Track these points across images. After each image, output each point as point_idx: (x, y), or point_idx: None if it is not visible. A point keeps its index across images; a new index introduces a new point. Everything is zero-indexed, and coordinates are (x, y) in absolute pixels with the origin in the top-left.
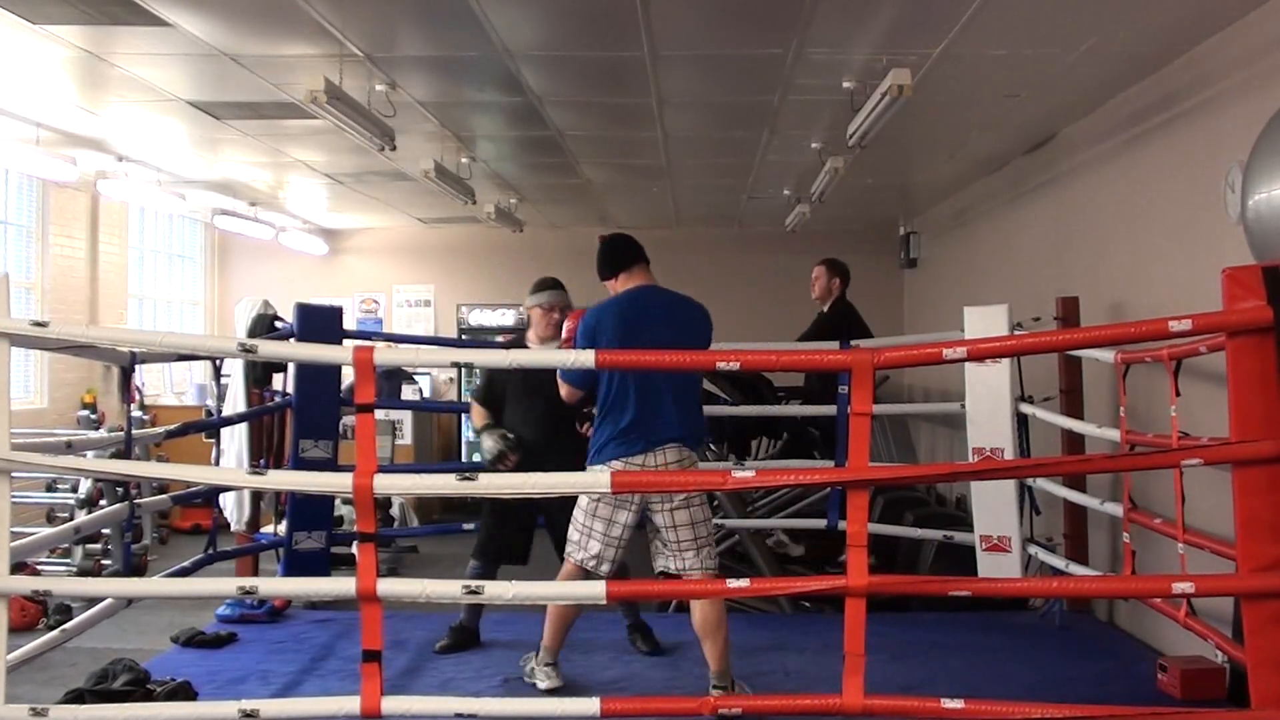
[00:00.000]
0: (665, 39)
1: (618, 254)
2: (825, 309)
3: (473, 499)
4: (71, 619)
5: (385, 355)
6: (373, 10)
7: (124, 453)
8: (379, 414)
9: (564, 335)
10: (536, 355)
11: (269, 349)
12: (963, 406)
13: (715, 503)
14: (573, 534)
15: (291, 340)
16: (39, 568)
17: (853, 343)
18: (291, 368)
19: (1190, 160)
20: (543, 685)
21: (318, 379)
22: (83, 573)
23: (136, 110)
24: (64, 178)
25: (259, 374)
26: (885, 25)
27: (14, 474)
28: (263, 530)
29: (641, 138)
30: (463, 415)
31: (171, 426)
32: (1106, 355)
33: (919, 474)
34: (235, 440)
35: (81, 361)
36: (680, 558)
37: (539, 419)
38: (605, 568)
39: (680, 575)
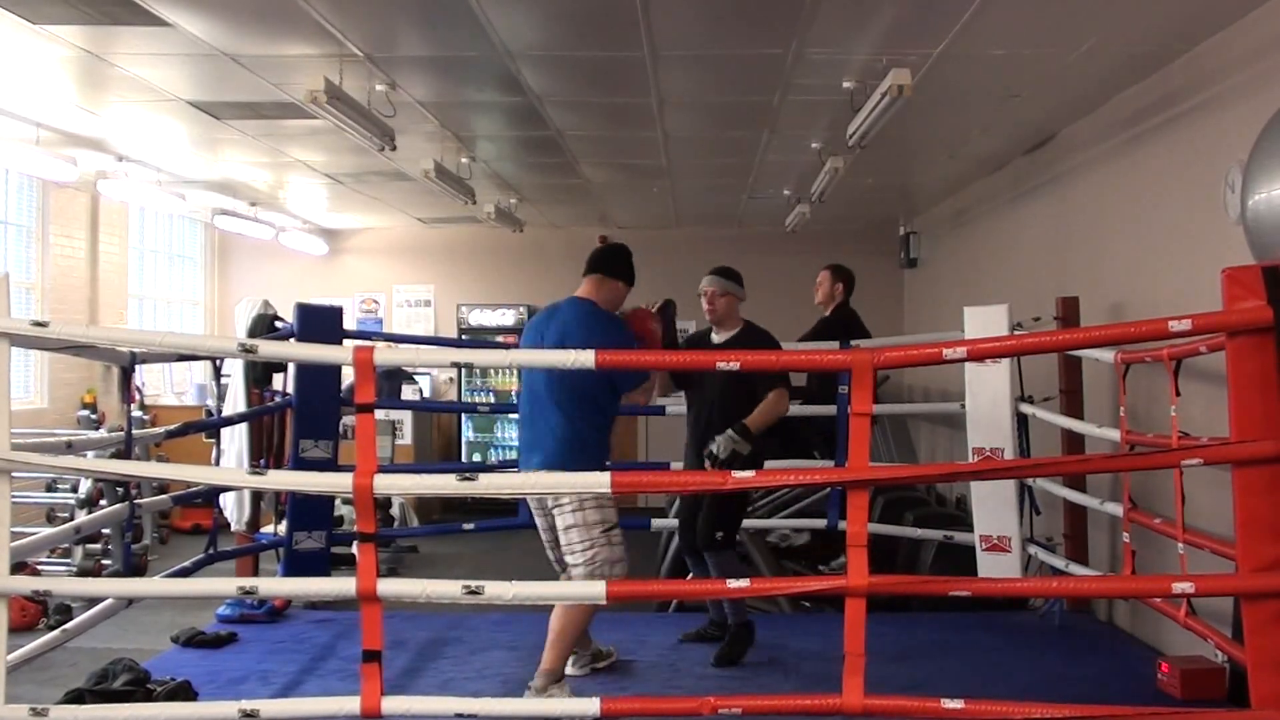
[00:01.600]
0: (665, 39)
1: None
2: (828, 314)
3: (473, 499)
4: (71, 619)
5: (385, 355)
6: (373, 10)
7: (124, 453)
8: (379, 414)
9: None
10: (536, 355)
11: (269, 349)
12: (963, 406)
13: None
14: None
15: (291, 340)
16: (39, 568)
17: (853, 343)
18: (291, 368)
19: (1190, 160)
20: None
21: (318, 379)
22: (83, 573)
23: (136, 110)
24: (64, 178)
25: (259, 374)
26: (885, 25)
27: (14, 474)
28: (263, 530)
29: (641, 138)
30: (462, 415)
31: (171, 426)
32: (1106, 355)
33: (919, 474)
34: (235, 440)
35: (81, 361)
36: (568, 557)
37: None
38: (557, 569)
39: (569, 573)
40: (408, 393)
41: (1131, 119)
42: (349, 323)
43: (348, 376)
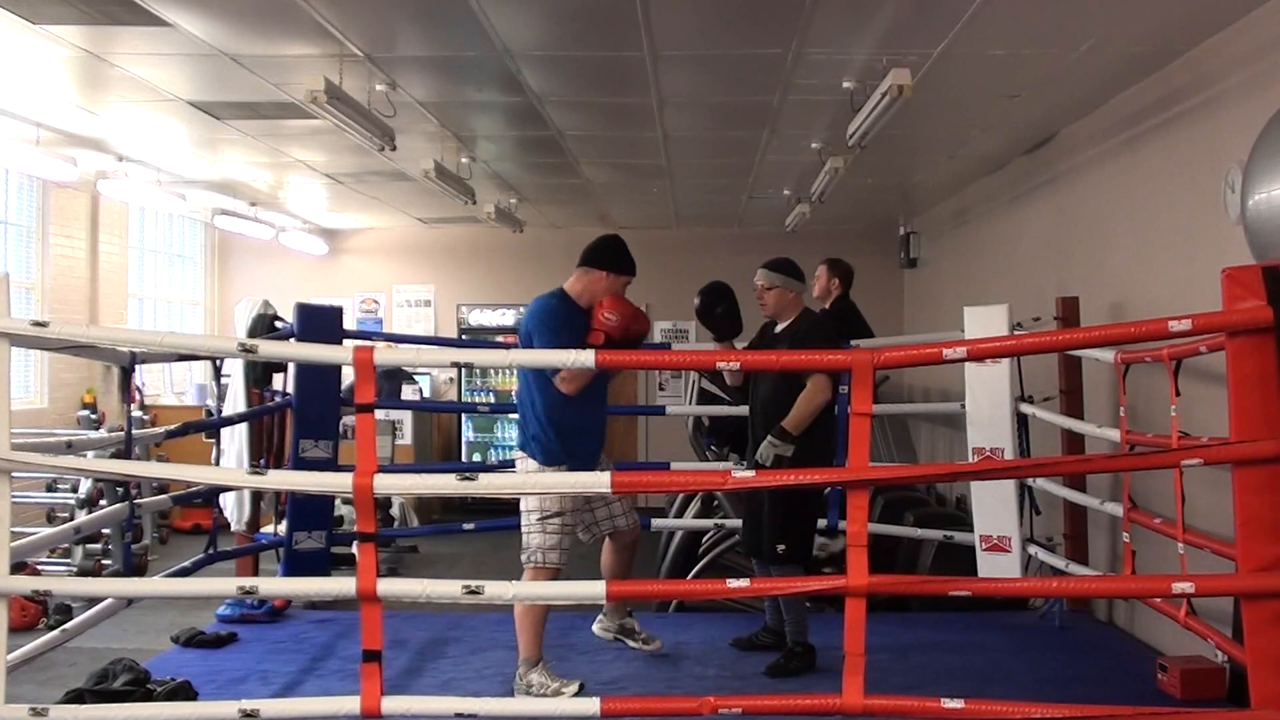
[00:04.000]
0: (665, 39)
1: None
2: (826, 306)
3: (473, 499)
4: (71, 619)
5: (385, 355)
6: (373, 10)
7: (124, 453)
8: (379, 414)
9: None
10: (536, 355)
11: (269, 349)
12: (963, 406)
13: (715, 503)
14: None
15: (291, 340)
16: (39, 568)
17: (852, 343)
18: (291, 368)
19: (1190, 160)
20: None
21: (318, 379)
22: (83, 573)
23: (136, 110)
24: (64, 178)
25: (259, 374)
26: (885, 25)
27: (14, 474)
28: (263, 530)
29: (641, 138)
30: (462, 415)
31: (171, 426)
32: (1106, 355)
33: (919, 474)
34: (235, 440)
35: (81, 361)
36: None
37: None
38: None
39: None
40: (408, 393)
41: (1131, 119)
42: (349, 323)
43: (348, 376)
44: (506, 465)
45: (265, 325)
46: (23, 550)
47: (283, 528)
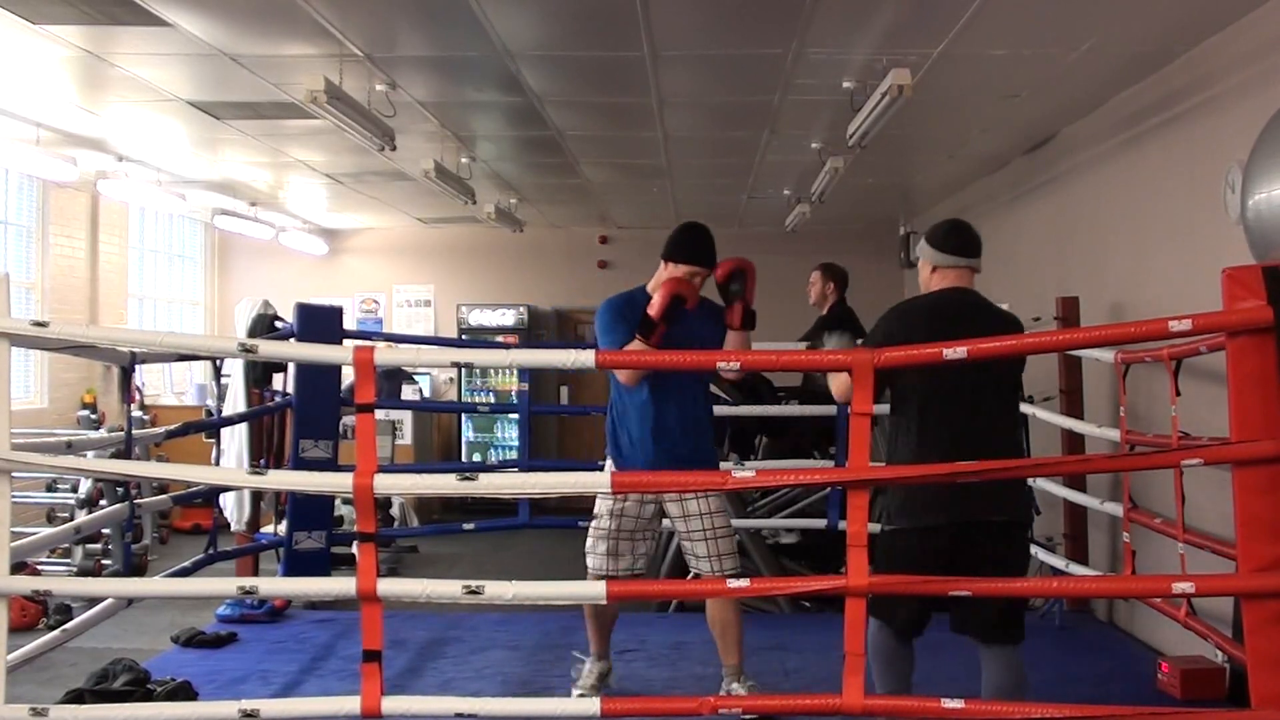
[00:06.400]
0: (665, 39)
1: None
2: (824, 313)
3: (473, 499)
4: (71, 619)
5: (385, 355)
6: (373, 10)
7: (124, 453)
8: (379, 414)
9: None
10: (536, 355)
11: (269, 349)
12: None
13: None
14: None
15: (291, 340)
16: (39, 568)
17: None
18: (292, 368)
19: (1190, 160)
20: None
21: (318, 379)
22: (83, 573)
23: (136, 110)
24: (64, 178)
25: (259, 374)
26: (885, 25)
27: (14, 474)
28: (263, 530)
29: (641, 138)
30: (462, 415)
31: (171, 426)
32: (1106, 355)
33: (919, 474)
34: (235, 440)
35: (81, 361)
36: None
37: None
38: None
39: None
40: (408, 393)
41: (1131, 119)
42: (349, 323)
43: (348, 376)
44: (507, 465)
45: (265, 325)
46: (23, 550)
47: (283, 528)
